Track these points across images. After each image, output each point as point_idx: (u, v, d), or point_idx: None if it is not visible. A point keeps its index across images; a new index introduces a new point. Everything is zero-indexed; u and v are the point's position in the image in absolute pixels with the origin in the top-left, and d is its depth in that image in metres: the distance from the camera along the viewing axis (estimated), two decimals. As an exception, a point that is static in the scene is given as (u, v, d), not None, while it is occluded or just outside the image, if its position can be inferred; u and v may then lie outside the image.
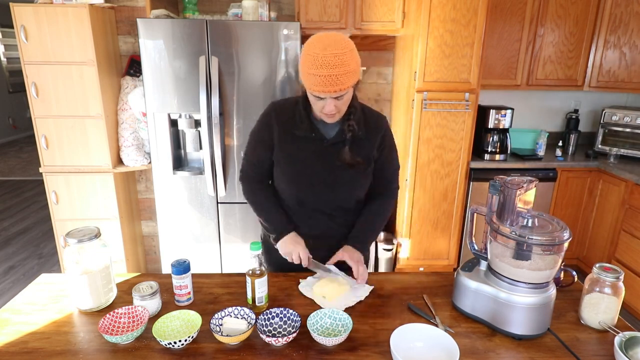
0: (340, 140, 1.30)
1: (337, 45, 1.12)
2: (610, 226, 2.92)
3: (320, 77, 1.12)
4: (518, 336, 1.08)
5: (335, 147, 1.31)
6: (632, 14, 2.90)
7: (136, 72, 2.72)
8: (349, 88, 1.17)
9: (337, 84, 1.13)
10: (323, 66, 1.11)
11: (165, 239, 2.60)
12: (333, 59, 1.10)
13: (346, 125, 1.29)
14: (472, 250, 1.23)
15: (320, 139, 1.32)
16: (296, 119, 1.31)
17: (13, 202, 4.78)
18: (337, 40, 1.13)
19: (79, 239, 1.14)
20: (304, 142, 1.32)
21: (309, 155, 1.32)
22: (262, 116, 1.38)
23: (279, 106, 1.37)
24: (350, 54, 1.13)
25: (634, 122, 3.05)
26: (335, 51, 1.11)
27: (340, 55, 1.11)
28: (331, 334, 1.08)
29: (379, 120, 1.38)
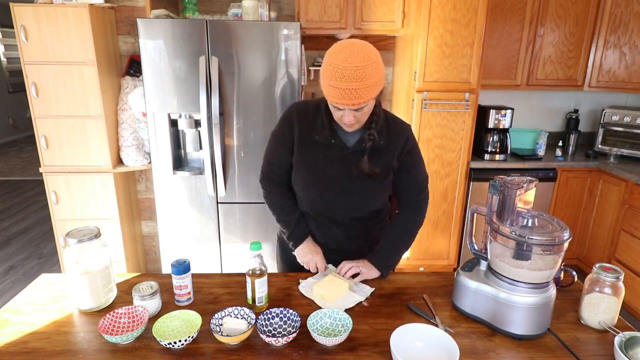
0: (360, 150, 1.27)
1: (358, 57, 1.06)
2: (610, 226, 2.92)
3: (339, 89, 1.08)
4: (518, 336, 1.08)
5: (355, 155, 1.28)
6: (632, 14, 2.90)
7: (136, 72, 2.72)
8: (368, 101, 1.12)
9: (356, 97, 1.08)
10: (343, 79, 1.06)
11: (165, 239, 2.60)
12: (353, 72, 1.06)
13: (367, 134, 1.25)
14: (472, 250, 1.23)
15: (340, 147, 1.29)
16: (317, 124, 1.29)
17: (13, 202, 4.78)
18: (360, 51, 1.07)
19: (79, 239, 1.14)
20: (324, 148, 1.29)
21: (327, 162, 1.30)
22: (284, 117, 1.35)
23: (301, 108, 1.34)
24: (372, 67, 1.08)
25: (634, 122, 3.05)
26: (356, 64, 1.06)
27: (362, 69, 1.06)
28: (331, 334, 1.08)
29: (402, 129, 1.33)
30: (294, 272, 1.48)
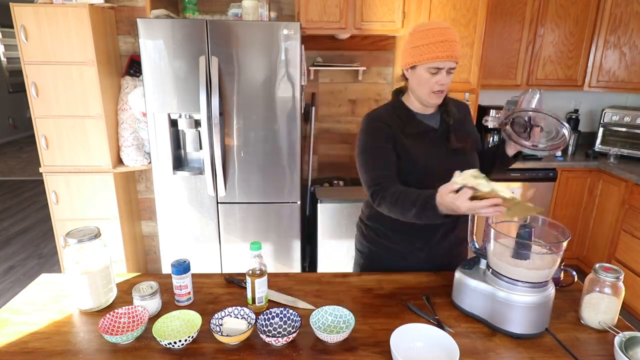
0: (446, 129, 1.37)
1: (445, 23, 1.26)
2: (610, 226, 2.92)
3: (443, 42, 1.22)
4: (516, 335, 1.08)
5: (443, 135, 1.37)
6: (632, 14, 2.90)
7: (136, 72, 2.72)
8: (459, 60, 1.27)
9: (455, 50, 1.23)
10: (442, 34, 1.22)
11: (165, 239, 2.60)
12: (447, 31, 1.23)
13: (445, 113, 1.37)
14: (473, 249, 1.23)
15: (432, 129, 1.37)
16: (403, 119, 1.36)
17: (13, 202, 4.78)
18: (444, 22, 1.28)
19: (79, 239, 1.14)
20: (419, 137, 1.35)
21: (428, 148, 1.35)
22: (372, 128, 1.35)
23: (379, 114, 1.39)
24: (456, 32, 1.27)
25: (634, 122, 3.05)
26: (446, 25, 1.25)
27: (452, 29, 1.25)
28: (333, 331, 1.08)
29: (461, 103, 1.49)
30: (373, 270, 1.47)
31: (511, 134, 1.34)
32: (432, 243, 1.42)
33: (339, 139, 3.23)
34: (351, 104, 3.16)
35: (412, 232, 1.40)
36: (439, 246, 1.43)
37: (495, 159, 1.46)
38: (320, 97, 3.12)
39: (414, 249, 1.43)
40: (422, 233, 1.40)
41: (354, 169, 3.53)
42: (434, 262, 1.44)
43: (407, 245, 1.43)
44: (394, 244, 1.44)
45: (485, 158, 1.48)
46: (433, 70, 1.26)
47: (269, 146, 2.44)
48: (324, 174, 3.28)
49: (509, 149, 1.42)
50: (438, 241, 1.42)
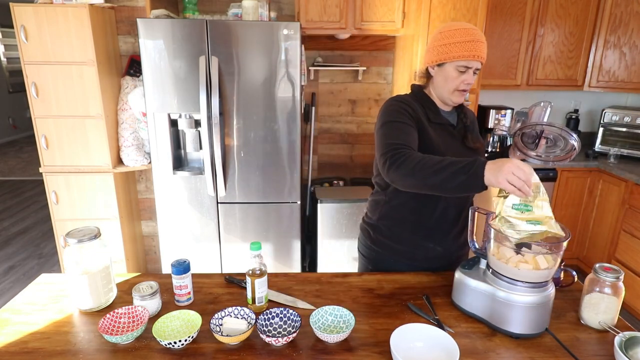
0: (462, 127, 1.41)
1: (473, 25, 1.30)
2: (610, 226, 2.92)
3: (474, 42, 1.25)
4: (516, 335, 1.08)
5: (459, 132, 1.41)
6: (632, 14, 2.90)
7: (136, 72, 2.72)
8: (484, 61, 1.29)
9: (483, 51, 1.27)
10: (472, 34, 1.25)
11: (165, 239, 2.60)
12: (477, 31, 1.27)
13: (462, 114, 1.42)
14: (473, 249, 1.23)
15: (451, 125, 1.40)
16: (427, 108, 1.37)
17: (13, 202, 4.79)
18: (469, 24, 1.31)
19: (79, 239, 1.14)
20: (440, 128, 1.37)
21: (447, 140, 1.37)
22: (397, 106, 1.32)
23: (404, 98, 1.38)
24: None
25: (634, 122, 3.05)
26: (474, 27, 1.28)
27: (479, 31, 1.28)
28: (333, 332, 1.08)
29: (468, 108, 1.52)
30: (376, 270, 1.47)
31: (518, 144, 1.36)
32: (447, 241, 1.42)
33: (339, 139, 3.23)
34: (351, 104, 3.16)
35: (427, 231, 1.40)
36: (452, 244, 1.44)
37: None
38: (320, 97, 3.13)
39: (428, 248, 1.42)
40: (436, 231, 1.40)
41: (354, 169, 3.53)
42: (442, 262, 1.44)
43: (420, 245, 1.42)
44: (405, 244, 1.43)
45: None
46: (462, 68, 1.28)
47: (269, 146, 2.44)
48: (324, 174, 3.28)
49: (513, 157, 1.42)
50: (452, 239, 1.43)
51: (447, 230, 1.41)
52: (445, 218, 1.39)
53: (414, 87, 1.44)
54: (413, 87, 1.44)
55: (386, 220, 1.45)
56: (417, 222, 1.40)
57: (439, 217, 1.38)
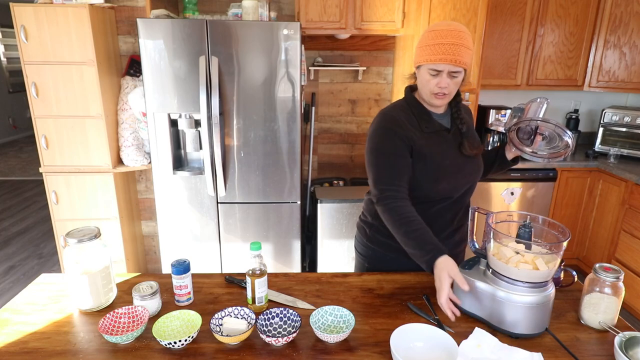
0: (458, 132, 1.37)
1: (459, 25, 1.24)
2: (610, 226, 2.92)
3: (442, 45, 1.20)
4: (516, 335, 1.08)
5: (455, 135, 1.37)
6: (632, 14, 2.90)
7: (136, 72, 2.72)
8: (463, 65, 1.22)
9: (456, 53, 1.20)
10: (446, 36, 1.20)
11: (165, 239, 2.60)
12: (455, 33, 1.21)
13: (457, 119, 1.36)
14: (473, 249, 1.23)
15: (444, 130, 1.36)
16: (418, 117, 1.34)
17: (13, 202, 4.78)
18: (459, 24, 1.25)
19: (79, 239, 1.14)
20: (434, 136, 1.34)
21: (443, 147, 1.34)
22: (384, 129, 1.31)
23: (392, 115, 1.34)
24: (469, 36, 1.23)
25: (634, 122, 3.05)
26: (457, 28, 1.22)
27: (460, 32, 1.21)
28: (333, 332, 1.08)
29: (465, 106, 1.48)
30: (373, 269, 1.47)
31: (514, 139, 1.35)
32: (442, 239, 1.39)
33: (339, 139, 3.23)
34: (351, 103, 3.16)
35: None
36: (447, 243, 1.42)
37: (495, 162, 1.48)
38: (320, 97, 3.13)
39: None
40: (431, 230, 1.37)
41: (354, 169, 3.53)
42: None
43: None
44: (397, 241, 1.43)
45: (485, 160, 1.48)
46: (432, 72, 1.24)
47: (269, 146, 2.44)
48: (324, 174, 3.28)
49: (509, 154, 1.44)
50: (447, 237, 1.42)
51: (442, 229, 1.40)
52: (439, 217, 1.38)
53: (406, 91, 1.42)
54: (406, 92, 1.41)
55: (381, 219, 1.43)
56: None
57: (433, 216, 1.37)
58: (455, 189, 1.35)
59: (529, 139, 1.33)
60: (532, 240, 1.12)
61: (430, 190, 1.33)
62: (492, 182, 2.95)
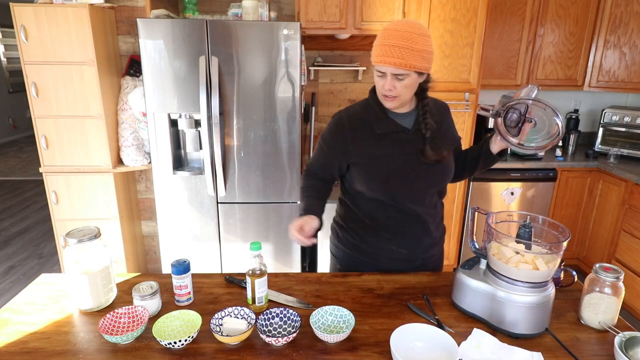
0: (420, 131, 1.31)
1: (411, 25, 1.17)
2: (610, 226, 2.92)
3: (384, 46, 1.16)
4: (515, 335, 1.08)
5: (417, 135, 1.31)
6: (632, 14, 2.90)
7: (136, 72, 2.72)
8: (410, 68, 1.17)
9: (398, 56, 1.15)
10: (390, 37, 1.16)
11: (165, 239, 2.60)
12: (401, 34, 1.15)
13: (423, 123, 1.30)
14: (473, 249, 1.23)
15: (403, 131, 1.31)
16: (372, 118, 1.32)
17: (13, 202, 4.78)
18: (414, 23, 1.19)
19: (79, 239, 1.14)
20: (387, 138, 1.31)
21: (395, 149, 1.30)
22: (335, 124, 1.37)
23: (350, 113, 1.36)
24: (421, 37, 1.16)
25: (634, 122, 3.05)
26: (406, 28, 1.16)
27: (410, 33, 1.15)
28: (333, 331, 1.08)
29: (442, 104, 1.44)
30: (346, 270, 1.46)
31: (501, 128, 1.28)
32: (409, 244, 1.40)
33: (339, 139, 3.23)
34: (351, 104, 3.15)
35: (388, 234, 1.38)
36: (416, 247, 1.40)
37: (480, 157, 1.41)
38: (320, 97, 3.13)
39: (391, 250, 1.40)
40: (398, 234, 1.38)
41: (354, 169, 3.45)
42: (407, 264, 1.42)
43: (383, 247, 1.40)
44: (369, 245, 1.41)
45: (469, 156, 1.44)
46: (378, 73, 1.22)
47: (269, 146, 2.44)
48: (324, 174, 3.28)
49: (494, 146, 1.36)
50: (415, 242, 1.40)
51: (409, 234, 1.38)
52: (403, 222, 1.35)
53: (370, 90, 1.38)
54: (370, 91, 1.38)
55: (350, 222, 1.44)
56: (376, 225, 1.37)
57: (396, 221, 1.35)
58: (410, 191, 1.32)
59: (516, 126, 1.24)
60: (532, 240, 1.12)
61: (381, 191, 1.31)
62: (492, 182, 2.95)
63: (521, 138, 1.24)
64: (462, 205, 2.95)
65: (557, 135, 1.19)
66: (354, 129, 1.32)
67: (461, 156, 1.46)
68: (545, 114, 1.20)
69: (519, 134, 1.24)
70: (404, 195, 1.32)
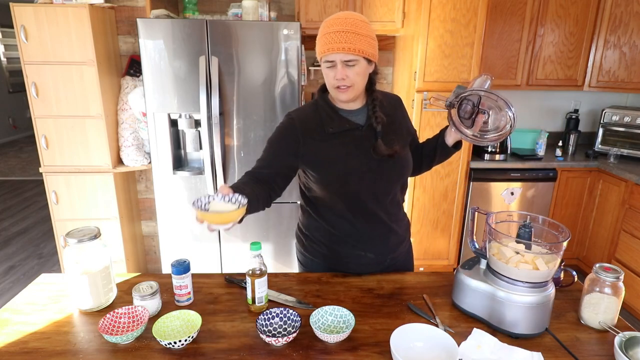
0: (371, 130, 1.27)
1: (352, 14, 1.18)
2: (610, 226, 2.92)
3: (332, 34, 1.15)
4: (515, 335, 1.08)
5: (370, 131, 1.28)
6: (632, 14, 2.90)
7: (136, 72, 2.72)
8: (359, 53, 1.15)
9: (347, 41, 1.14)
10: (335, 24, 1.15)
11: (165, 239, 2.60)
12: (345, 20, 1.15)
13: (373, 117, 1.26)
14: (473, 249, 1.23)
15: (356, 128, 1.28)
16: (323, 118, 1.28)
17: (13, 202, 4.78)
18: (354, 12, 1.20)
19: (79, 239, 1.14)
20: (340, 137, 1.27)
21: (350, 148, 1.26)
22: (282, 128, 1.30)
23: (298, 114, 1.31)
24: (364, 23, 1.17)
25: (634, 122, 3.05)
26: (349, 16, 1.16)
27: (354, 20, 1.16)
28: (333, 332, 1.08)
29: (394, 98, 1.41)
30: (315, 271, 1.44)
31: (455, 118, 1.25)
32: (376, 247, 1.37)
33: (339, 139, 3.23)
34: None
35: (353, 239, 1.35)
36: (382, 249, 1.38)
37: (436, 150, 1.39)
38: (320, 97, 3.12)
39: (360, 255, 1.37)
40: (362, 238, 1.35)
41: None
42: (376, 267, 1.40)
43: (350, 253, 1.37)
44: (336, 253, 1.38)
45: (425, 150, 1.43)
46: (328, 64, 1.18)
47: (269, 146, 2.44)
48: (324, 174, 3.28)
49: (449, 138, 1.34)
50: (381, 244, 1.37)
51: (375, 237, 1.35)
52: (368, 225, 1.33)
53: (318, 91, 1.34)
54: (317, 92, 1.34)
55: (314, 231, 1.39)
56: (342, 232, 1.34)
57: (362, 225, 1.32)
58: (371, 190, 1.29)
59: (470, 117, 1.21)
60: (532, 240, 1.12)
61: (342, 194, 1.28)
62: (492, 182, 2.95)
63: (475, 129, 1.21)
64: (462, 205, 2.95)
65: (508, 127, 1.17)
66: (305, 130, 1.27)
67: (418, 149, 1.44)
68: (497, 105, 1.18)
69: (472, 125, 1.21)
70: (366, 195, 1.28)
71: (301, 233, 1.47)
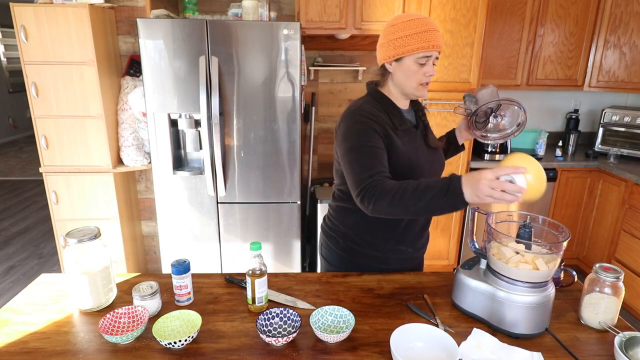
0: (422, 126, 1.39)
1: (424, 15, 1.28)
2: (610, 226, 2.92)
3: (431, 32, 1.21)
4: (515, 335, 1.08)
5: (421, 132, 1.38)
6: (632, 14, 2.90)
7: (136, 72, 2.72)
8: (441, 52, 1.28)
9: (440, 39, 1.24)
10: (427, 23, 1.22)
11: (165, 239, 2.60)
12: (429, 20, 1.23)
13: (420, 113, 1.40)
14: (473, 249, 1.23)
15: (415, 127, 1.37)
16: (390, 114, 1.29)
17: (13, 202, 4.78)
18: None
19: (79, 239, 1.14)
20: (407, 134, 1.32)
21: (415, 144, 1.33)
22: (360, 124, 1.23)
23: (369, 110, 1.26)
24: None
25: (634, 122, 3.05)
26: (428, 17, 1.25)
27: (433, 20, 1.25)
28: (333, 332, 1.08)
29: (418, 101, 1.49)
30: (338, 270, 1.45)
31: (471, 124, 1.39)
32: (415, 242, 1.41)
33: (339, 139, 3.23)
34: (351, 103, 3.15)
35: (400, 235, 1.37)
36: (419, 244, 1.44)
37: (449, 148, 1.54)
38: (320, 97, 3.13)
39: (401, 251, 1.40)
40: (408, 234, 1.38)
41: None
42: (412, 263, 1.45)
43: (393, 249, 1.39)
44: (379, 250, 1.39)
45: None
46: (422, 60, 1.23)
47: (269, 146, 2.44)
48: (324, 174, 3.28)
49: (460, 138, 1.51)
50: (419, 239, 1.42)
51: (417, 232, 1.40)
52: (417, 220, 1.37)
53: (371, 89, 1.34)
54: (371, 90, 1.34)
55: (357, 229, 1.38)
56: (389, 228, 1.36)
57: (410, 221, 1.36)
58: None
59: (483, 122, 1.38)
60: (532, 240, 1.12)
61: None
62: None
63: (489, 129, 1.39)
64: (462, 205, 2.95)
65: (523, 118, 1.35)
66: (382, 127, 1.25)
67: None
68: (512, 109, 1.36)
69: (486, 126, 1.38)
70: None
71: (336, 232, 1.43)
